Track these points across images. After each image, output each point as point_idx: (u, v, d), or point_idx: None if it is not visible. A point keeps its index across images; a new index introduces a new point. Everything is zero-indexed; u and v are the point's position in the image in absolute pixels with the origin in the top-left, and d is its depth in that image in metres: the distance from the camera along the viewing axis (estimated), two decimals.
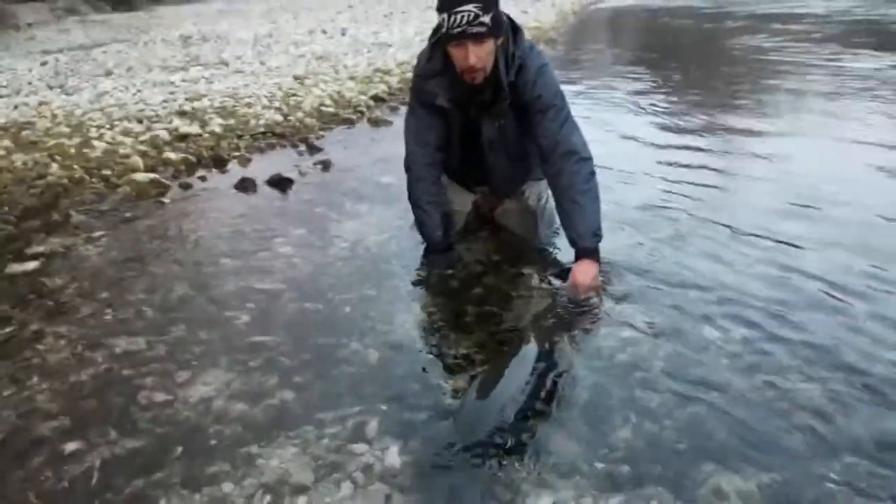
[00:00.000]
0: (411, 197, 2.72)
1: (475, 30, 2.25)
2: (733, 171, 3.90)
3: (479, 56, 2.30)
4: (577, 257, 2.43)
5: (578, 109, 3.25)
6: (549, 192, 2.66)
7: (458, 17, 2.23)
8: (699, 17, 15.53)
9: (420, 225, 2.74)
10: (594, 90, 6.93)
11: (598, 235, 2.44)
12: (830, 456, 1.60)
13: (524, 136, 2.60)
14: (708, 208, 3.20)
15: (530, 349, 2.01)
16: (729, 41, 10.75)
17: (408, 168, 2.72)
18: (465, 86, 2.44)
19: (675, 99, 6.42)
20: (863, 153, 4.06)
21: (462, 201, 2.99)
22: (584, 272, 2.38)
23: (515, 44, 2.46)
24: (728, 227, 2.96)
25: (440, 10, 2.29)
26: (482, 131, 2.61)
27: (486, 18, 2.25)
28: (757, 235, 2.84)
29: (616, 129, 5.02)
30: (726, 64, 8.80)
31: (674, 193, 3.43)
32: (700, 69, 8.72)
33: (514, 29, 2.48)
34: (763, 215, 3.08)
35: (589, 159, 2.49)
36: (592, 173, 2.50)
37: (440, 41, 2.42)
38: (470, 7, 2.22)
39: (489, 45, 2.33)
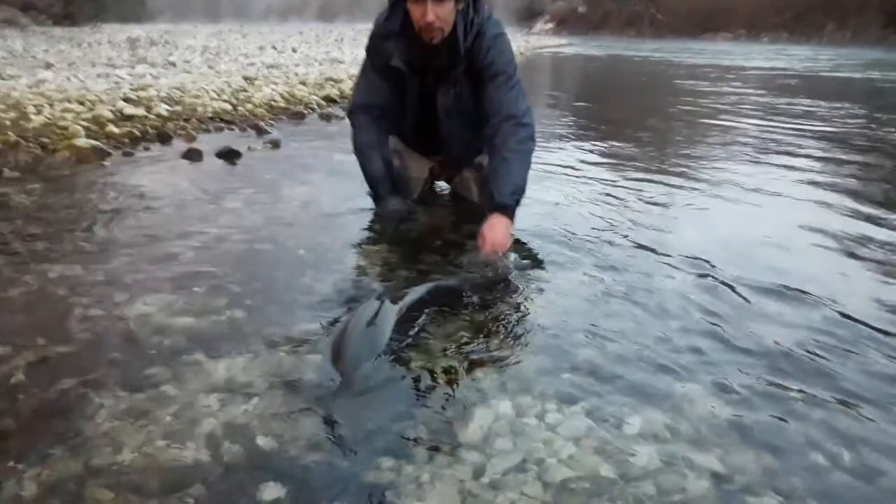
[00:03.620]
0: (355, 144, 2.69)
1: None
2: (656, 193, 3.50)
3: (438, 14, 2.28)
4: (491, 212, 2.28)
5: None
6: None
7: None
8: (634, 63, 16.25)
9: (364, 171, 2.69)
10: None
11: (517, 194, 2.33)
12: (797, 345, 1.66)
13: (479, 105, 2.59)
14: (615, 213, 2.96)
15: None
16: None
17: (352, 121, 2.70)
18: (422, 48, 2.41)
19: (594, 126, 6.50)
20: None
21: (419, 168, 2.95)
22: (493, 227, 2.21)
23: (476, 11, 2.46)
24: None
25: None
26: (437, 98, 2.58)
27: None
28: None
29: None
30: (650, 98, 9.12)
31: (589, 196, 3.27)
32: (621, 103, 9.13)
33: None
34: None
35: (528, 125, 2.46)
36: (529, 138, 2.46)
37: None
38: None
39: (449, 5, 2.32)
